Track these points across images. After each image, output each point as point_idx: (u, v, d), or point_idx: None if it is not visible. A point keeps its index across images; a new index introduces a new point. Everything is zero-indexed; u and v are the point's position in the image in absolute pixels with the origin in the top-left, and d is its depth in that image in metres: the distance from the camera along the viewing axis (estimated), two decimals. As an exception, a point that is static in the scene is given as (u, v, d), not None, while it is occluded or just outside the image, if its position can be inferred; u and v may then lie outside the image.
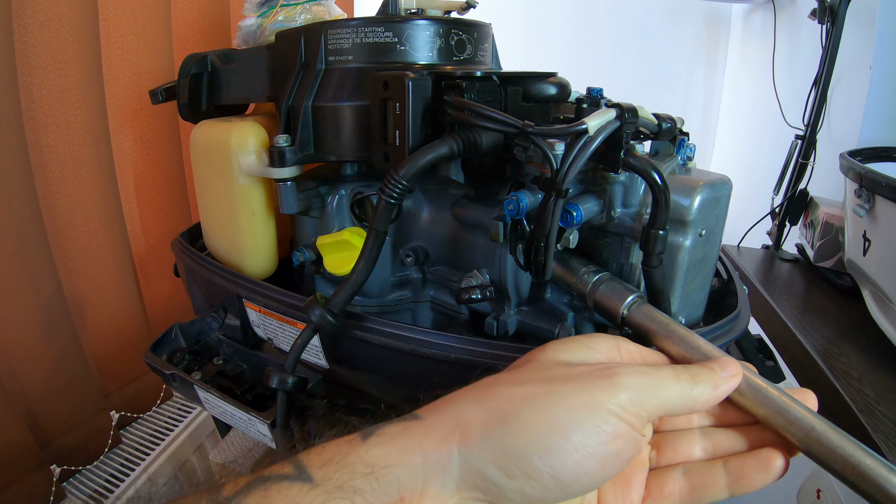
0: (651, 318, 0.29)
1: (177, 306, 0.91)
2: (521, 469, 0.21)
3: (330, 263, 0.43)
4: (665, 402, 0.23)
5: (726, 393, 0.24)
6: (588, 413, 0.21)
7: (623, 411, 0.22)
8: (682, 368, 0.24)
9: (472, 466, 0.21)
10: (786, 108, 0.98)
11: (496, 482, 0.21)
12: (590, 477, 0.21)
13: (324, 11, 0.52)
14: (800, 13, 0.99)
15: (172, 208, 0.87)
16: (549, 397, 0.22)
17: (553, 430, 0.21)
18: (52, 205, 0.70)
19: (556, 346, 0.26)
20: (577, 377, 0.23)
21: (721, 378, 0.24)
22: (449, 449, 0.21)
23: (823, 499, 0.76)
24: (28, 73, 0.65)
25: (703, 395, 0.24)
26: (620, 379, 0.22)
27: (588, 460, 0.21)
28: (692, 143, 0.40)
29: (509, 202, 0.33)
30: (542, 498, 0.21)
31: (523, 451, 0.21)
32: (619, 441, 0.22)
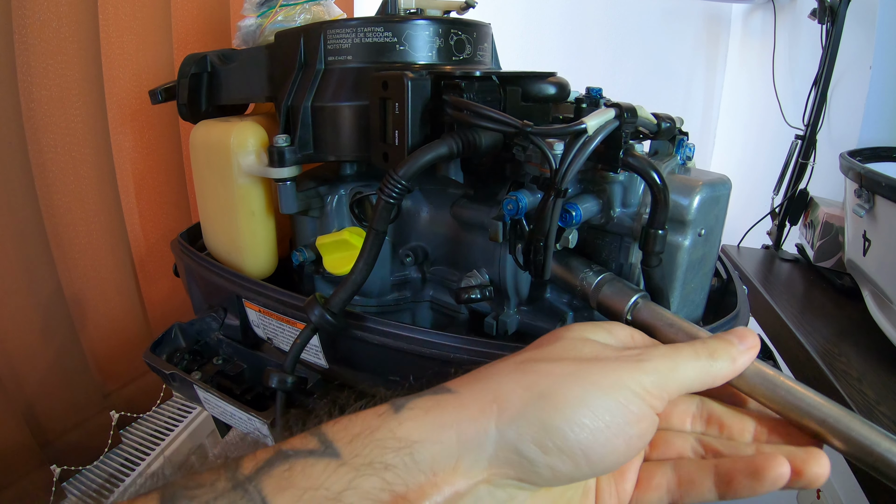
0: (657, 317, 0.29)
1: (177, 306, 0.91)
2: (556, 444, 0.21)
3: (329, 263, 0.43)
4: (686, 381, 0.24)
5: (745, 364, 0.25)
6: (617, 394, 0.22)
7: (647, 394, 0.22)
8: (700, 345, 0.25)
9: (509, 442, 0.21)
10: (786, 108, 0.98)
11: (531, 458, 0.21)
12: (616, 456, 0.22)
13: (323, 11, 0.52)
14: (800, 13, 0.99)
15: (172, 208, 0.87)
16: (582, 375, 0.22)
17: (587, 409, 0.21)
18: (52, 205, 0.70)
19: (582, 327, 0.26)
20: (605, 359, 0.23)
21: (739, 350, 0.25)
22: (486, 425, 0.21)
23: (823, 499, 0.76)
24: (28, 73, 0.65)
25: (722, 370, 0.24)
26: (646, 364, 0.23)
27: (617, 439, 0.21)
28: (691, 143, 0.40)
29: (508, 202, 0.33)
30: (570, 474, 0.21)
31: (559, 426, 0.21)
32: (643, 423, 0.22)
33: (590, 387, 0.22)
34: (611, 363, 0.23)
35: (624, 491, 0.25)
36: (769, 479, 0.22)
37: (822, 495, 0.77)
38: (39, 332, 0.69)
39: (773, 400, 0.25)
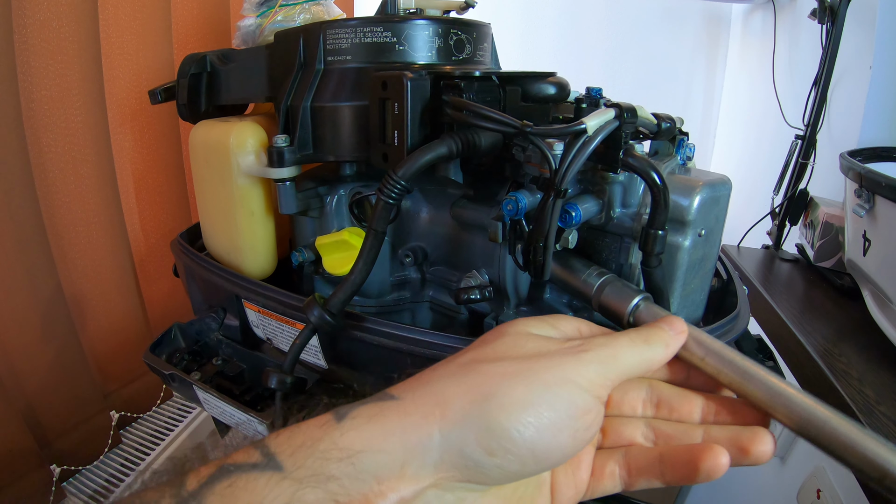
0: (657, 318, 0.29)
1: (176, 306, 0.91)
2: (501, 445, 0.21)
3: (329, 263, 0.43)
4: (626, 368, 0.24)
5: (676, 349, 0.26)
6: (562, 389, 0.22)
7: (591, 385, 0.23)
8: (634, 333, 0.26)
9: (453, 446, 0.21)
10: (786, 108, 0.98)
11: (476, 460, 0.21)
12: (563, 450, 0.22)
13: (323, 11, 0.52)
14: (800, 13, 0.99)
15: (172, 208, 0.87)
16: (525, 374, 0.22)
17: (531, 406, 0.21)
18: (52, 205, 0.70)
19: (524, 322, 0.27)
20: (548, 354, 0.24)
21: (671, 336, 0.26)
22: (429, 430, 0.21)
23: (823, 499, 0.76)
24: (28, 73, 0.65)
25: (657, 355, 0.25)
26: (587, 354, 0.24)
27: (562, 434, 0.22)
28: (692, 143, 0.40)
29: (508, 202, 0.33)
30: (518, 472, 0.22)
31: (504, 427, 0.21)
32: (589, 415, 0.23)
33: (533, 385, 0.22)
34: (553, 358, 0.23)
35: (580, 480, 0.25)
36: (703, 469, 0.23)
37: (822, 495, 0.77)
38: (39, 332, 0.69)
39: (724, 374, 0.26)
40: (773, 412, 0.24)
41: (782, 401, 0.24)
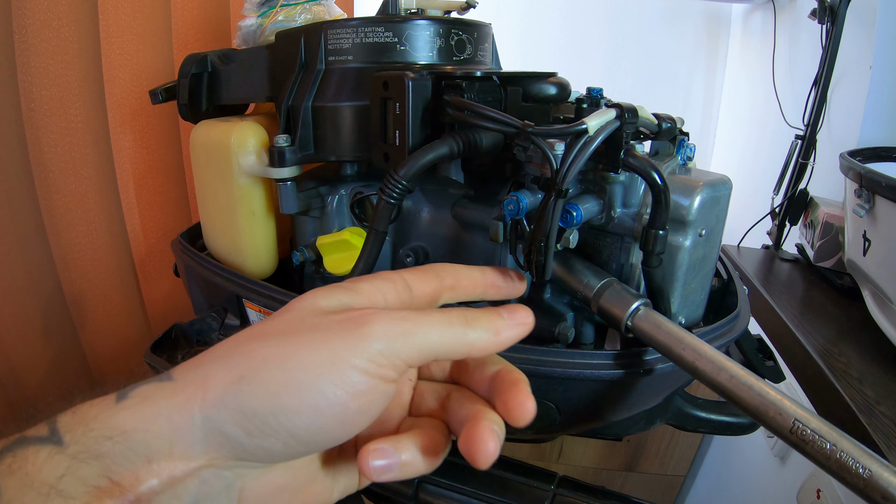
0: (657, 326, 0.29)
1: (177, 306, 0.91)
2: (258, 428, 0.21)
3: (330, 263, 0.43)
4: (428, 347, 0.22)
5: (511, 339, 0.24)
6: (327, 371, 0.21)
7: (371, 364, 0.21)
8: (458, 312, 0.24)
9: (214, 426, 0.21)
10: (786, 108, 0.98)
11: (238, 440, 0.21)
12: (329, 434, 0.22)
13: (324, 11, 0.52)
14: (800, 13, 0.99)
15: (172, 208, 0.87)
16: (289, 356, 0.21)
17: (288, 391, 0.21)
18: (52, 205, 0.70)
19: (318, 292, 0.25)
20: (324, 328, 0.22)
21: (505, 323, 0.24)
22: (191, 410, 0.21)
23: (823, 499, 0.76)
24: (28, 73, 0.65)
25: (480, 339, 0.23)
26: (370, 328, 0.22)
27: (326, 419, 0.21)
28: (692, 143, 0.40)
29: (509, 202, 0.33)
30: (284, 453, 0.22)
31: (257, 411, 0.21)
32: (364, 398, 0.21)
33: (294, 368, 0.21)
34: (327, 334, 0.22)
35: None
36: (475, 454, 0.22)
37: (822, 495, 0.77)
38: (39, 332, 0.69)
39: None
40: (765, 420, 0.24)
41: (774, 409, 0.24)
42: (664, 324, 0.29)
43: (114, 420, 0.21)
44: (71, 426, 0.21)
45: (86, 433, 0.20)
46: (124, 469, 0.20)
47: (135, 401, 0.21)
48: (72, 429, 0.20)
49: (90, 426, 0.20)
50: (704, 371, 0.26)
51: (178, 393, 0.21)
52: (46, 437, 0.20)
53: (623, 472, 1.25)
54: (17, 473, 0.19)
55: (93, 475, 0.20)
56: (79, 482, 0.19)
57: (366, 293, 0.25)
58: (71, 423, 0.21)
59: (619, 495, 0.40)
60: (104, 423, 0.21)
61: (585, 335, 0.39)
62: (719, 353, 0.26)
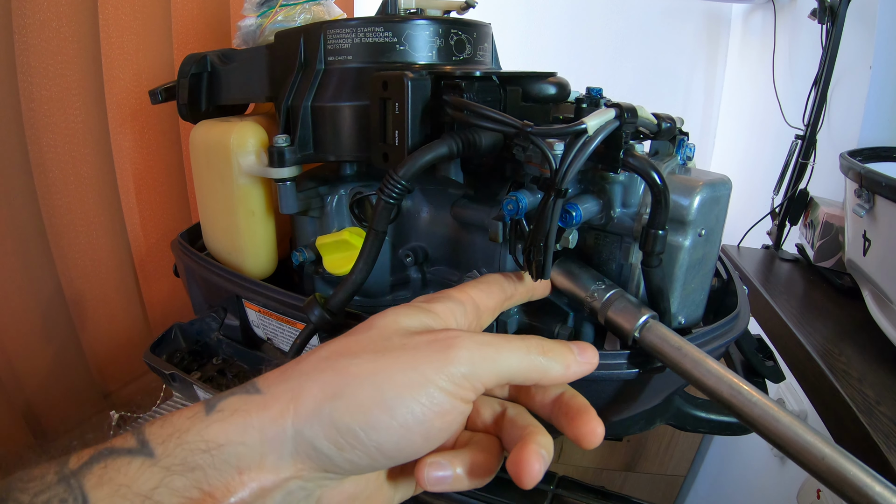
0: (664, 340, 0.29)
1: (177, 306, 0.91)
2: (348, 442, 0.22)
3: (329, 263, 0.43)
4: (506, 373, 0.24)
5: (577, 375, 0.26)
6: (417, 391, 0.22)
7: (455, 387, 0.23)
8: (535, 341, 0.25)
9: (306, 440, 0.22)
10: (786, 108, 0.98)
11: (327, 454, 0.22)
12: (414, 448, 0.23)
13: (323, 11, 0.52)
14: (800, 13, 0.99)
15: (172, 208, 0.87)
16: (380, 374, 0.22)
17: (380, 408, 0.22)
18: (52, 205, 0.70)
19: (399, 310, 0.26)
20: (412, 349, 0.23)
21: (576, 360, 0.26)
22: (284, 424, 0.22)
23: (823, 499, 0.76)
24: (28, 73, 0.65)
25: (553, 370, 0.25)
26: (456, 353, 0.23)
27: (413, 436, 0.22)
28: (692, 143, 0.40)
29: (508, 202, 0.33)
30: (370, 465, 0.23)
31: (350, 426, 0.22)
32: (447, 417, 0.23)
33: (386, 386, 0.22)
34: (416, 355, 0.23)
35: None
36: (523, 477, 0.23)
37: (822, 495, 0.77)
38: (39, 332, 0.69)
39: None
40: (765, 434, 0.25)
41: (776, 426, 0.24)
42: (672, 338, 0.29)
43: (208, 433, 0.21)
44: (162, 438, 0.21)
45: (179, 445, 0.21)
46: (217, 481, 0.21)
47: (226, 414, 0.22)
48: (164, 441, 0.21)
49: (183, 439, 0.21)
50: (712, 387, 0.26)
51: (269, 406, 0.22)
52: (137, 449, 0.21)
53: (623, 472, 1.25)
54: (108, 485, 0.19)
55: (186, 486, 0.20)
56: (172, 493, 0.20)
57: (441, 314, 0.27)
58: (161, 435, 0.21)
59: (619, 495, 0.40)
60: (198, 435, 0.21)
61: (585, 335, 0.39)
62: (726, 369, 0.27)
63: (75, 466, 0.20)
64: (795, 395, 0.88)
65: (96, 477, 0.20)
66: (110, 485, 0.19)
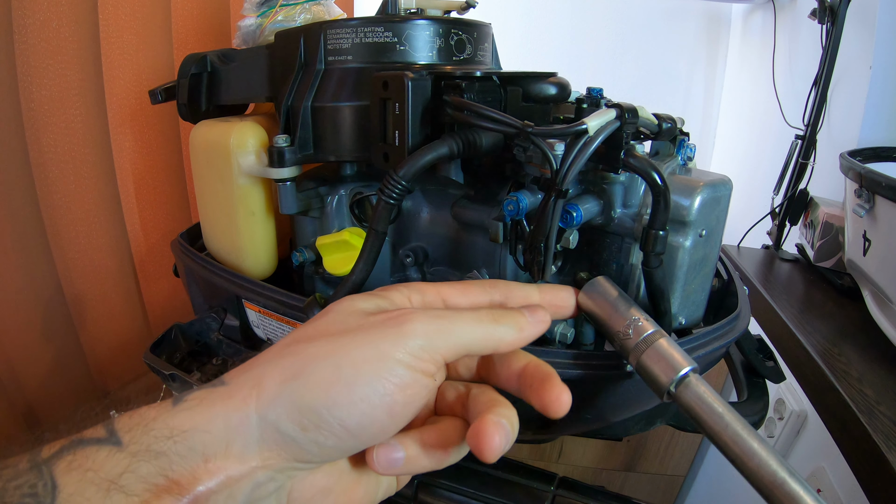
0: (702, 402, 0.25)
1: (177, 306, 0.91)
2: (312, 422, 0.22)
3: (329, 264, 0.43)
4: (462, 343, 0.24)
5: (532, 336, 0.26)
6: (375, 366, 0.22)
7: (413, 359, 0.23)
8: (484, 311, 0.26)
9: (269, 424, 0.22)
10: (786, 108, 0.98)
11: (292, 436, 0.22)
12: (379, 425, 0.23)
13: (323, 11, 0.52)
14: (800, 13, 0.99)
15: (172, 208, 0.87)
16: (337, 353, 0.23)
17: (339, 385, 0.22)
18: (52, 205, 0.70)
19: (354, 298, 0.27)
20: (367, 327, 0.24)
21: (527, 321, 0.26)
22: (247, 411, 0.22)
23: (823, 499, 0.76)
24: (28, 73, 0.65)
25: (507, 335, 0.25)
26: (410, 326, 0.23)
27: (375, 411, 0.22)
28: (692, 144, 0.40)
29: (509, 202, 0.33)
30: (337, 447, 0.23)
31: (311, 405, 0.22)
32: (408, 391, 0.23)
33: (341, 362, 0.22)
34: (371, 332, 0.23)
35: None
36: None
37: (822, 495, 0.77)
38: (39, 332, 0.69)
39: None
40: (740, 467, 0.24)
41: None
42: (713, 401, 0.25)
43: (173, 420, 0.22)
44: (129, 427, 0.21)
45: (145, 433, 0.21)
46: (182, 468, 0.21)
47: (191, 403, 0.22)
48: (130, 429, 0.21)
49: (150, 426, 0.21)
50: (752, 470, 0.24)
51: (233, 395, 0.23)
52: (105, 438, 0.21)
53: (623, 472, 1.25)
54: (76, 470, 0.20)
55: (152, 473, 0.20)
56: (138, 480, 0.20)
57: (396, 300, 0.27)
58: (129, 425, 0.22)
59: (619, 496, 0.40)
60: (164, 423, 0.21)
61: (585, 335, 0.39)
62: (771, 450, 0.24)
63: (47, 455, 0.21)
64: (795, 395, 0.88)
65: (66, 463, 0.20)
66: (79, 470, 0.20)
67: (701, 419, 0.25)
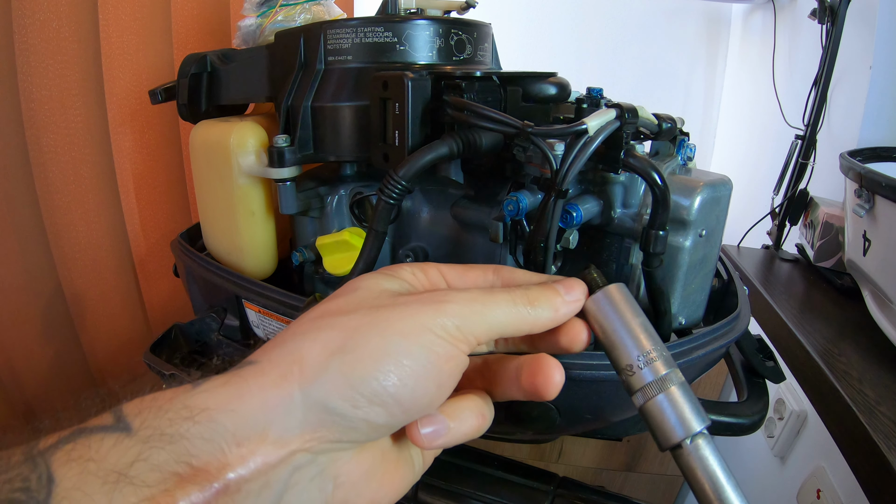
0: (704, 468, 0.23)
1: (177, 306, 0.91)
2: (365, 396, 0.20)
3: (329, 264, 0.43)
4: (497, 325, 0.23)
5: (568, 315, 0.25)
6: (419, 337, 0.22)
7: (449, 335, 0.22)
8: (520, 291, 0.24)
9: (317, 402, 0.20)
10: (786, 108, 0.98)
11: (342, 413, 0.20)
12: (429, 398, 0.22)
13: (323, 11, 0.52)
14: (800, 13, 0.99)
15: (172, 208, 0.87)
16: (380, 324, 0.22)
17: (389, 356, 0.21)
18: (52, 205, 0.70)
19: (376, 276, 0.25)
20: (404, 303, 0.23)
21: (563, 300, 0.25)
22: (289, 388, 0.20)
23: (823, 499, 0.76)
24: (28, 73, 0.65)
25: (541, 317, 0.24)
26: (446, 306, 0.22)
27: (427, 381, 0.22)
28: (692, 144, 0.40)
29: (509, 202, 0.33)
30: (387, 424, 0.22)
31: (363, 378, 0.20)
32: (451, 362, 0.22)
33: (390, 334, 0.21)
34: (410, 307, 0.22)
35: None
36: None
37: (822, 495, 0.77)
38: (39, 332, 0.69)
39: None
40: None
41: None
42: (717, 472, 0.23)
43: (192, 400, 0.19)
44: (139, 410, 0.19)
45: (158, 415, 0.18)
46: (207, 454, 0.18)
47: (215, 384, 0.20)
48: (140, 412, 0.19)
49: (164, 408, 0.19)
50: None
51: (267, 372, 0.20)
52: (112, 426, 0.18)
53: (623, 472, 1.25)
54: (77, 461, 0.17)
55: (170, 461, 0.18)
56: (152, 469, 0.17)
57: (408, 279, 0.26)
58: (139, 408, 0.19)
59: (619, 496, 0.41)
60: (181, 403, 0.19)
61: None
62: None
63: (45, 446, 0.18)
64: (795, 395, 0.88)
65: (64, 454, 0.17)
66: (79, 461, 0.17)
67: (699, 485, 0.23)
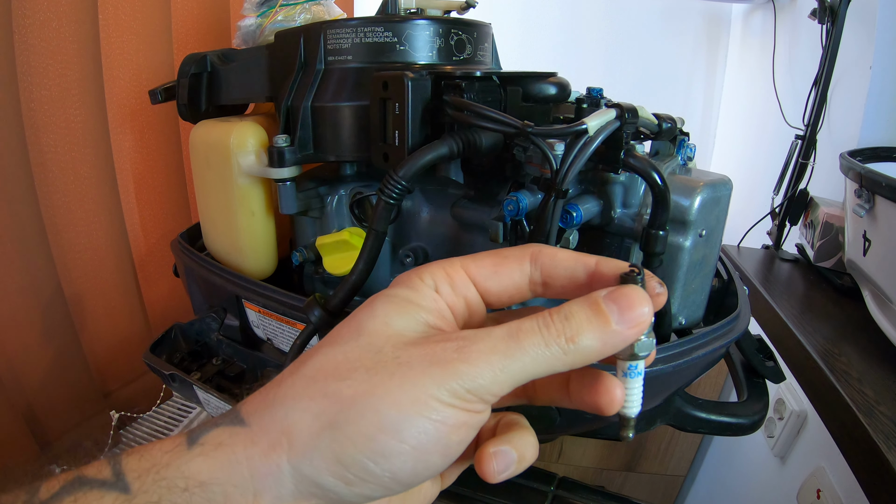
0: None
1: (177, 306, 0.91)
2: (357, 476, 0.19)
3: (329, 264, 0.43)
4: (522, 376, 0.20)
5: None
6: (422, 409, 0.19)
7: (460, 401, 0.19)
8: (555, 327, 0.20)
9: (307, 477, 0.19)
10: (786, 108, 0.98)
11: (334, 490, 0.19)
12: (433, 469, 0.20)
13: (323, 11, 0.52)
14: (800, 13, 0.99)
15: (172, 208, 0.87)
16: (377, 395, 0.19)
17: (386, 434, 0.19)
18: (52, 205, 0.70)
19: (386, 309, 0.22)
20: (408, 364, 0.20)
21: (614, 330, 0.20)
22: (278, 460, 0.19)
23: (823, 499, 0.76)
24: (28, 73, 0.65)
25: (586, 353, 0.20)
26: (458, 366, 0.19)
27: (429, 456, 0.20)
28: (692, 144, 0.40)
29: (509, 202, 0.33)
30: (385, 494, 0.20)
31: (356, 459, 0.19)
32: (461, 430, 0.20)
33: (386, 408, 0.19)
34: (413, 369, 0.19)
35: None
36: None
37: (822, 495, 0.77)
38: (39, 332, 0.69)
39: None
40: None
41: None
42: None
43: (188, 468, 0.19)
44: (139, 472, 0.19)
45: (157, 482, 0.18)
46: None
47: (208, 448, 0.20)
48: (140, 475, 0.19)
49: (161, 474, 0.19)
50: None
51: (257, 441, 0.20)
52: (111, 482, 0.18)
53: (623, 472, 1.25)
54: None
55: None
56: None
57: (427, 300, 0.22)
58: (138, 469, 0.19)
59: (619, 496, 0.41)
60: (178, 470, 0.19)
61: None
62: None
63: (45, 496, 0.18)
64: (795, 395, 0.88)
65: None
66: None
67: None
